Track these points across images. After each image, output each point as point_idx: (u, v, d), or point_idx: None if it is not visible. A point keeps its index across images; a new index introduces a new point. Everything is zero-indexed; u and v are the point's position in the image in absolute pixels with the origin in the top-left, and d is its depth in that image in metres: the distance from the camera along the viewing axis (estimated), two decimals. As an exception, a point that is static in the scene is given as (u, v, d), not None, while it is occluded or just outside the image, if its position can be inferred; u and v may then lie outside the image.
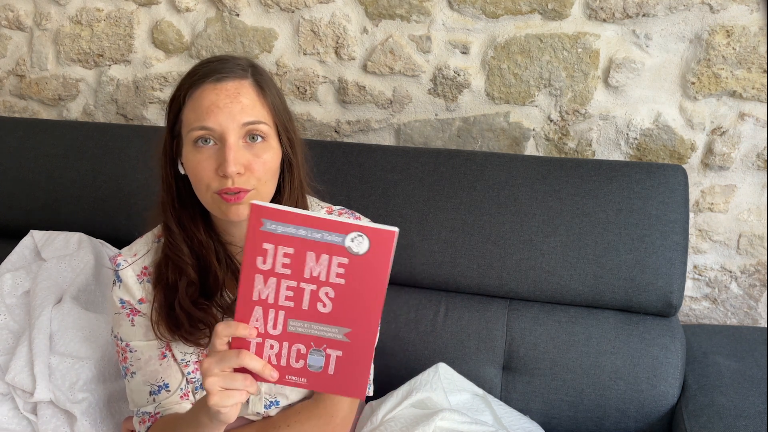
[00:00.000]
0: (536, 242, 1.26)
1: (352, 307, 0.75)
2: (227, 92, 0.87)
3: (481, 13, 1.47)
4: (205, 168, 0.87)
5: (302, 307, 0.75)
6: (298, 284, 0.74)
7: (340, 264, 0.73)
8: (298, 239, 0.73)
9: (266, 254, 0.73)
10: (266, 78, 0.93)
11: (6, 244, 1.48)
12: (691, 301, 1.60)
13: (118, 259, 0.99)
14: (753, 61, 1.37)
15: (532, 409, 1.25)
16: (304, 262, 0.73)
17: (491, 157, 1.34)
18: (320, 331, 0.76)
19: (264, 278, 0.74)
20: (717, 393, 1.19)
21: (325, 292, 0.74)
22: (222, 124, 0.86)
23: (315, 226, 0.72)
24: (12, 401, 1.16)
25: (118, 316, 1.00)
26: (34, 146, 1.54)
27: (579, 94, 1.47)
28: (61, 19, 1.75)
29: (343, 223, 0.72)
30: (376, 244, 0.73)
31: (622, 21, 1.41)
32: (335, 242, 0.73)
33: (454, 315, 1.30)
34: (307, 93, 1.63)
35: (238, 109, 0.87)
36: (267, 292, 0.75)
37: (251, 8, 1.60)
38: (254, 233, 0.73)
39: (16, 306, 1.30)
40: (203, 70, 0.90)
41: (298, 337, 0.76)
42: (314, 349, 0.76)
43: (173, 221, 0.95)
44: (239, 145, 0.87)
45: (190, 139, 0.88)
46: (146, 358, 1.00)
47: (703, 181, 1.49)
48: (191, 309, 0.94)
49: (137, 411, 1.02)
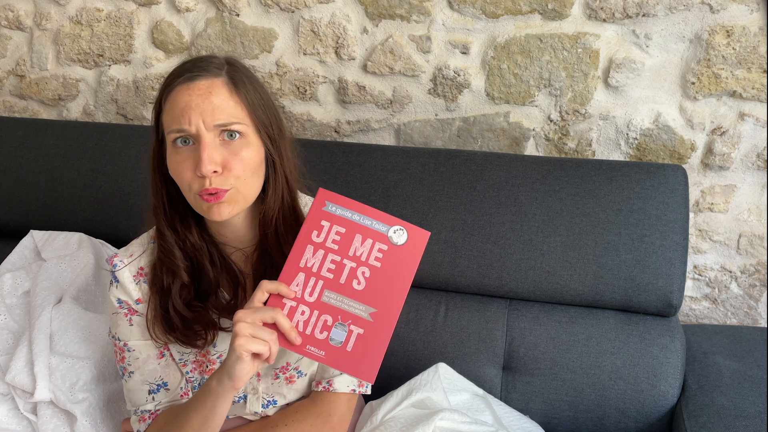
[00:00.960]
0: (536, 242, 1.26)
1: (382, 289, 0.85)
2: (199, 91, 0.87)
3: (481, 13, 1.47)
4: (184, 168, 0.87)
5: (339, 281, 0.85)
6: (341, 259, 0.85)
7: (380, 249, 0.86)
8: (351, 222, 0.86)
9: (321, 229, 0.86)
10: (242, 75, 0.91)
11: (6, 244, 1.49)
12: (691, 301, 1.60)
13: (114, 260, 0.99)
14: (753, 61, 1.37)
15: (532, 409, 1.25)
16: (352, 241, 0.86)
17: (491, 157, 1.34)
18: (350, 306, 0.85)
19: (314, 249, 0.86)
20: (717, 393, 1.19)
21: (362, 271, 0.85)
22: (196, 124, 0.86)
23: (367, 215, 0.86)
24: (12, 401, 1.16)
25: (116, 316, 1.00)
26: (34, 146, 1.54)
27: (579, 94, 1.47)
28: (61, 19, 1.75)
29: (390, 217, 0.86)
30: (412, 240, 0.86)
31: (622, 21, 1.41)
32: (380, 230, 0.86)
33: (454, 315, 1.30)
34: (307, 93, 1.63)
35: (209, 109, 0.86)
36: (313, 262, 0.85)
37: (251, 8, 1.60)
38: (316, 211, 0.86)
39: (16, 306, 1.30)
40: (177, 71, 0.90)
41: (328, 308, 0.84)
42: (339, 323, 0.84)
43: (165, 225, 0.95)
44: (215, 144, 0.87)
45: (169, 140, 0.89)
46: (144, 358, 1.00)
47: (703, 181, 1.49)
48: (185, 312, 0.95)
49: (136, 410, 1.02)
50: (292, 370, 1.02)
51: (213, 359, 1.01)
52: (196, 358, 1.01)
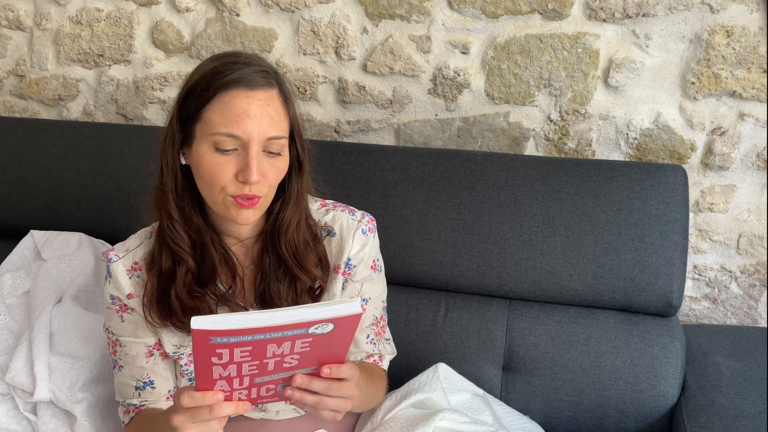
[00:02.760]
0: (536, 242, 1.26)
1: (319, 357, 0.77)
2: (259, 102, 0.88)
3: (481, 13, 1.47)
4: (224, 171, 0.88)
5: (267, 370, 0.76)
6: (261, 361, 0.73)
7: (303, 343, 0.73)
8: (255, 341, 0.70)
9: (222, 356, 0.70)
10: (287, 87, 0.94)
11: (6, 244, 1.49)
12: (691, 301, 1.60)
13: (109, 254, 1.00)
14: (753, 61, 1.37)
15: (532, 409, 1.25)
16: (265, 351, 0.72)
17: (491, 157, 1.34)
18: (289, 374, 0.78)
19: (223, 367, 0.72)
20: (717, 393, 1.19)
21: (290, 358, 0.75)
22: (250, 134, 0.87)
23: (274, 330, 0.69)
24: (12, 401, 1.16)
25: (109, 311, 1.01)
26: (34, 146, 1.54)
27: (579, 94, 1.47)
28: (61, 19, 1.75)
29: (305, 322, 0.69)
30: (340, 326, 0.72)
31: (622, 21, 1.41)
32: (298, 333, 0.71)
33: (454, 315, 1.30)
34: (307, 93, 1.63)
35: (266, 121, 0.88)
36: (227, 372, 0.73)
37: (251, 8, 1.60)
38: (204, 349, 0.69)
39: (16, 306, 1.30)
40: (235, 75, 0.88)
41: (266, 383, 0.78)
42: (284, 383, 0.80)
43: (174, 208, 0.94)
44: (261, 155, 0.89)
45: (211, 140, 0.88)
46: (133, 355, 1.01)
47: (703, 181, 1.49)
48: (186, 298, 0.95)
49: (123, 402, 1.04)
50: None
51: None
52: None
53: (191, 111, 0.90)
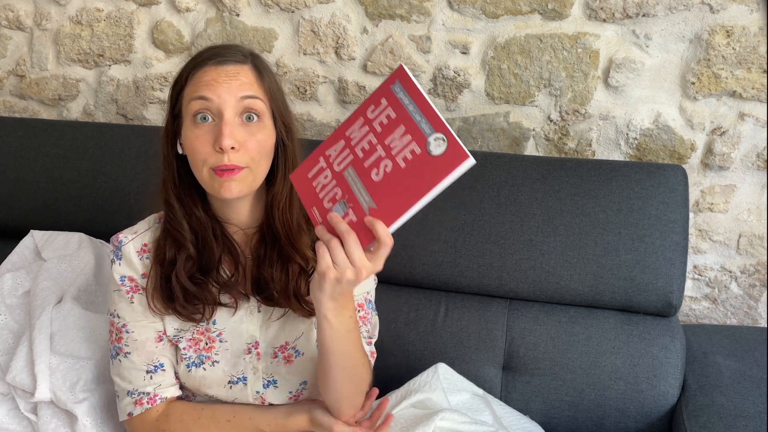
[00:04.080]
0: (536, 242, 1.26)
1: (394, 191, 0.79)
2: (227, 73, 0.91)
3: (481, 13, 1.47)
4: (202, 143, 0.90)
5: (364, 164, 0.82)
6: (377, 143, 0.81)
7: (412, 151, 0.78)
8: (404, 110, 0.79)
9: (378, 106, 0.82)
10: (265, 65, 0.97)
11: (6, 244, 1.48)
12: (691, 301, 1.60)
13: (119, 236, 1.02)
14: (753, 61, 1.37)
15: (532, 409, 1.25)
16: (394, 130, 0.80)
17: (491, 157, 1.34)
18: (358, 191, 0.82)
19: (362, 122, 0.84)
20: (717, 393, 1.19)
21: (386, 164, 0.80)
22: (221, 95, 0.89)
23: (422, 110, 0.78)
24: (12, 401, 1.16)
25: (117, 294, 1.01)
26: (34, 146, 1.54)
27: (579, 94, 1.47)
28: (61, 19, 1.75)
29: (442, 123, 0.76)
30: (448, 155, 0.77)
31: (622, 21, 1.41)
32: (423, 131, 0.77)
33: (454, 315, 1.30)
34: (307, 93, 1.63)
35: (236, 85, 0.90)
36: (356, 135, 0.84)
37: (251, 8, 1.60)
38: (385, 87, 0.81)
39: (17, 306, 1.30)
40: (206, 54, 0.94)
41: (344, 183, 0.83)
42: (344, 201, 0.82)
43: (174, 197, 0.98)
44: (235, 122, 0.90)
45: (189, 112, 0.91)
46: (142, 340, 1.01)
47: (703, 181, 1.49)
48: (187, 283, 0.97)
49: (132, 391, 1.03)
50: (290, 349, 1.03)
51: (213, 337, 1.02)
52: (193, 335, 1.02)
53: (176, 96, 0.95)
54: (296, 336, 1.03)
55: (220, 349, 1.03)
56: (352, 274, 0.80)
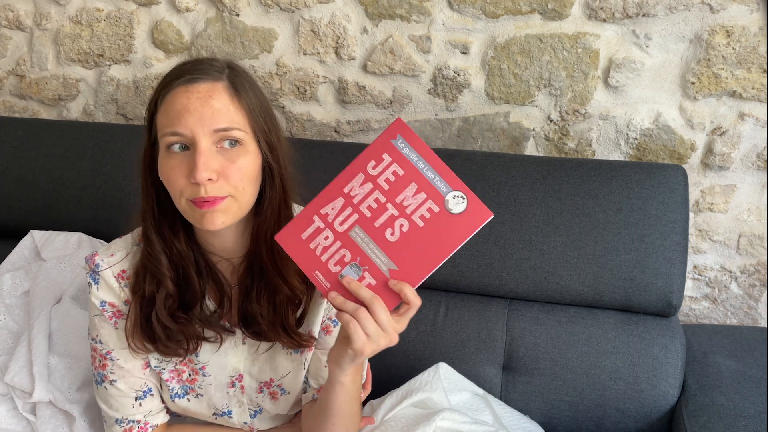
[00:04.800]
0: (536, 242, 1.26)
1: (414, 251, 0.78)
2: (198, 94, 0.82)
3: (481, 13, 1.47)
4: (177, 174, 0.83)
5: (374, 223, 0.79)
6: (386, 202, 0.78)
7: (430, 209, 0.78)
8: (413, 167, 0.78)
9: (380, 162, 0.79)
10: (243, 79, 0.88)
11: (6, 244, 1.48)
12: (691, 301, 1.60)
13: (95, 258, 0.94)
14: (753, 61, 1.37)
15: (532, 409, 1.25)
16: (405, 188, 0.78)
17: (491, 157, 1.34)
18: (373, 253, 0.79)
19: (364, 179, 0.79)
20: (717, 393, 1.19)
21: (401, 223, 0.78)
22: (192, 129, 0.81)
23: (433, 167, 0.78)
24: (11, 401, 1.16)
25: (99, 318, 0.95)
26: (34, 146, 1.54)
27: (579, 94, 1.47)
28: (61, 19, 1.75)
29: (457, 179, 0.77)
30: (469, 213, 0.77)
31: (622, 21, 1.41)
32: (440, 189, 0.77)
33: (454, 315, 1.30)
34: (307, 93, 1.63)
35: (209, 113, 0.82)
36: (357, 192, 0.79)
37: (251, 8, 1.60)
38: (384, 140, 0.78)
39: (16, 306, 1.30)
40: (176, 72, 0.86)
41: (352, 244, 0.79)
42: (356, 264, 0.79)
43: (153, 231, 0.91)
44: (212, 151, 0.83)
45: (163, 144, 0.84)
46: (129, 368, 0.96)
47: (703, 181, 1.49)
48: (169, 322, 0.91)
49: (121, 419, 0.98)
50: (275, 386, 1.01)
51: (196, 369, 0.99)
52: (176, 367, 0.98)
53: (150, 122, 0.88)
54: (282, 374, 1.00)
55: (204, 383, 0.99)
56: (386, 341, 0.77)
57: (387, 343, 0.77)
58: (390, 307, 0.77)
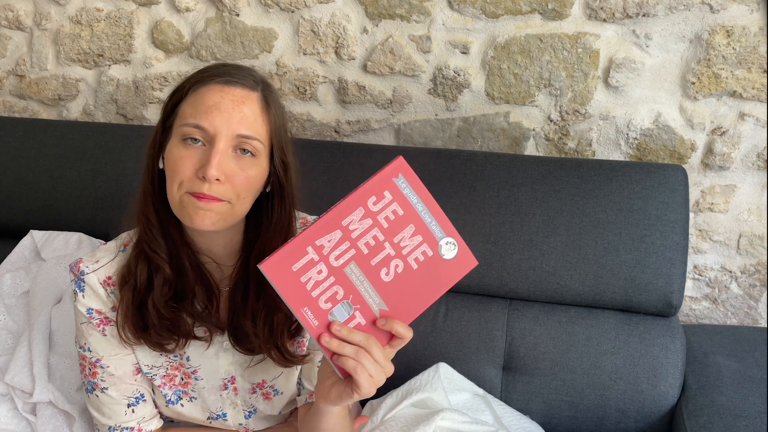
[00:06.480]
0: (536, 242, 1.26)
1: (406, 293, 0.79)
2: (233, 97, 0.83)
3: (481, 13, 1.47)
4: (186, 165, 0.82)
5: (370, 261, 0.78)
6: (384, 241, 0.78)
7: (424, 252, 0.79)
8: (412, 209, 0.78)
9: (381, 199, 0.78)
10: (275, 97, 0.89)
11: (6, 244, 1.48)
12: (691, 301, 1.60)
13: (80, 266, 0.92)
14: (753, 61, 1.37)
15: (532, 409, 1.25)
16: (403, 228, 0.78)
17: (491, 157, 1.34)
18: (366, 291, 0.78)
19: (363, 214, 0.78)
20: (717, 393, 1.19)
21: (396, 264, 0.78)
22: (217, 127, 0.82)
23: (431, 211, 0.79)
24: (11, 402, 1.16)
25: (86, 326, 0.93)
26: (34, 146, 1.54)
27: (579, 94, 1.47)
28: (61, 19, 1.75)
29: (450, 226, 0.79)
30: (458, 260, 0.79)
31: (622, 21, 1.41)
32: (435, 234, 0.79)
33: (454, 315, 1.30)
34: (307, 93, 1.62)
35: (237, 117, 0.83)
36: (356, 227, 0.77)
37: (251, 8, 1.60)
38: (386, 178, 0.78)
39: (16, 306, 1.30)
40: (216, 70, 0.86)
41: (346, 281, 0.77)
42: (348, 302, 0.78)
43: (153, 212, 0.89)
44: (227, 153, 0.83)
45: (180, 132, 0.84)
46: (120, 374, 0.95)
47: (703, 181, 1.49)
48: (164, 308, 0.89)
49: (114, 427, 0.97)
50: (267, 387, 1.00)
51: (188, 372, 0.98)
52: (167, 371, 0.97)
53: (172, 108, 0.87)
54: (275, 375, 0.99)
55: (197, 386, 0.99)
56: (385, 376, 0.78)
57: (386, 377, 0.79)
58: (383, 343, 0.78)
